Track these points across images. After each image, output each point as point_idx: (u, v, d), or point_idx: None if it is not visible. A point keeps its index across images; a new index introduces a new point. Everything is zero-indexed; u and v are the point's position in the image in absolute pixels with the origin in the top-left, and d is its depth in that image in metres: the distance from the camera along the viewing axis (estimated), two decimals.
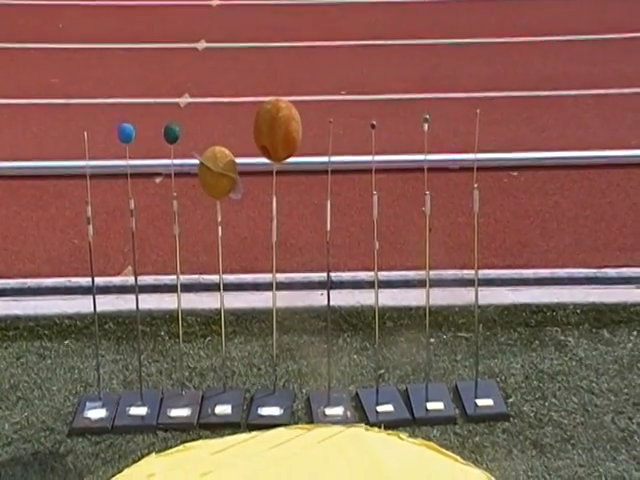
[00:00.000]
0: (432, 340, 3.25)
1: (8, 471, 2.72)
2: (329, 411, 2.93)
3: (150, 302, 3.43)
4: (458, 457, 2.72)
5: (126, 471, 2.69)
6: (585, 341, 3.27)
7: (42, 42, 6.98)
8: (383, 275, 3.39)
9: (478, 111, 2.93)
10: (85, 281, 3.54)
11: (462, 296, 3.44)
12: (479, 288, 3.07)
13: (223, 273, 3.05)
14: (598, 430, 2.84)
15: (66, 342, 3.32)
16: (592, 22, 7.31)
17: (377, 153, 2.94)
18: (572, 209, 4.32)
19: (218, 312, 3.15)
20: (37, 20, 7.62)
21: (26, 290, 3.66)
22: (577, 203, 4.38)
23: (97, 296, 3.05)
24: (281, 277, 3.39)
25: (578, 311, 3.43)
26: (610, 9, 7.74)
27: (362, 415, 2.93)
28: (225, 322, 3.12)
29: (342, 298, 3.47)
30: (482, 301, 3.20)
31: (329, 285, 3.06)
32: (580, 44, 6.80)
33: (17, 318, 3.45)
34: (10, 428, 2.90)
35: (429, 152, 2.94)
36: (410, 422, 2.89)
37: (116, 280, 3.69)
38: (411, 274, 3.62)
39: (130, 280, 3.54)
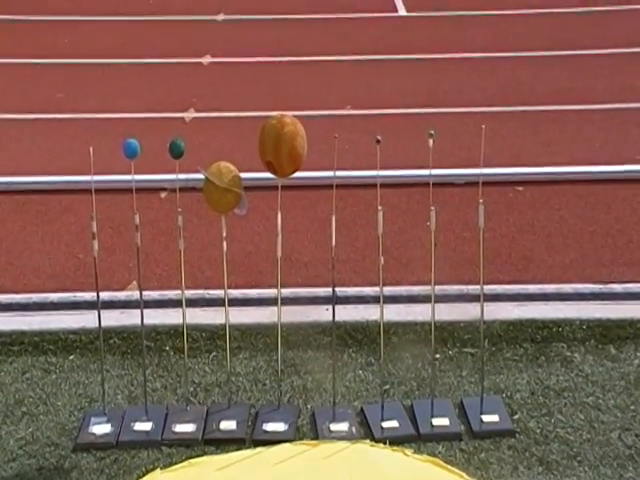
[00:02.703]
0: (437, 356, 3.24)
1: None
2: (334, 427, 2.92)
3: (155, 317, 3.43)
4: (464, 473, 2.70)
5: None
6: (591, 357, 3.25)
7: (48, 57, 7.02)
8: (388, 290, 3.38)
9: (483, 126, 2.94)
10: (90, 296, 3.54)
11: (467, 311, 3.43)
12: (484, 303, 3.06)
13: (228, 288, 3.05)
14: (605, 447, 2.82)
15: (71, 357, 3.32)
16: (597, 36, 7.32)
17: (382, 168, 2.94)
18: (578, 224, 4.32)
19: (223, 327, 3.14)
20: (43, 35, 7.66)
21: (31, 305, 3.66)
22: (583, 218, 4.37)
23: (102, 311, 3.05)
24: (286, 292, 3.38)
25: (584, 327, 3.42)
26: (615, 23, 7.76)
27: (367, 431, 2.91)
28: (230, 337, 3.11)
29: (347, 313, 3.47)
30: (487, 316, 3.19)
31: (334, 300, 3.06)
32: (585, 58, 6.81)
33: (22, 333, 3.45)
34: (15, 444, 2.89)
35: (434, 167, 2.94)
36: (415, 438, 2.87)
37: (121, 295, 3.69)
38: (416, 289, 3.62)
39: (135, 295, 3.55)
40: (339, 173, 2.98)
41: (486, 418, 2.93)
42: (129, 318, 3.45)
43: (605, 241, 4.15)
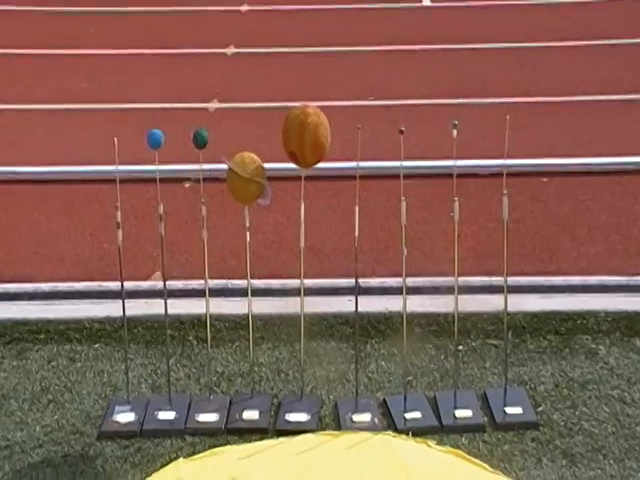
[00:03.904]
0: (460, 347, 3.23)
1: (39, 473, 2.75)
2: (357, 417, 2.92)
3: (179, 307, 3.45)
4: (487, 465, 2.70)
5: (154, 475, 2.70)
6: (616, 349, 3.23)
7: (72, 48, 7.05)
8: (411, 281, 3.37)
9: (508, 117, 2.92)
10: (115, 285, 3.56)
11: (491, 303, 3.41)
12: (508, 295, 3.04)
13: (251, 278, 3.06)
14: (630, 440, 2.80)
15: (96, 346, 3.35)
16: (624, 26, 7.24)
17: (405, 158, 2.93)
18: (603, 215, 4.28)
19: (246, 317, 3.15)
20: (69, 26, 7.70)
21: (57, 294, 3.69)
22: (608, 209, 4.33)
23: (126, 300, 3.07)
24: (309, 283, 3.38)
25: (609, 319, 3.39)
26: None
27: (390, 422, 2.91)
28: (253, 327, 3.12)
29: (370, 304, 3.46)
30: (511, 308, 3.17)
31: (357, 291, 3.06)
32: (611, 48, 6.74)
33: (48, 322, 3.48)
34: (41, 430, 2.92)
35: (458, 158, 2.93)
36: (438, 430, 2.87)
37: (145, 285, 3.71)
38: (439, 280, 3.60)
39: (159, 285, 3.56)
40: (362, 164, 2.98)
41: (509, 410, 2.92)
42: (153, 307, 3.47)
43: (631, 232, 4.11)
